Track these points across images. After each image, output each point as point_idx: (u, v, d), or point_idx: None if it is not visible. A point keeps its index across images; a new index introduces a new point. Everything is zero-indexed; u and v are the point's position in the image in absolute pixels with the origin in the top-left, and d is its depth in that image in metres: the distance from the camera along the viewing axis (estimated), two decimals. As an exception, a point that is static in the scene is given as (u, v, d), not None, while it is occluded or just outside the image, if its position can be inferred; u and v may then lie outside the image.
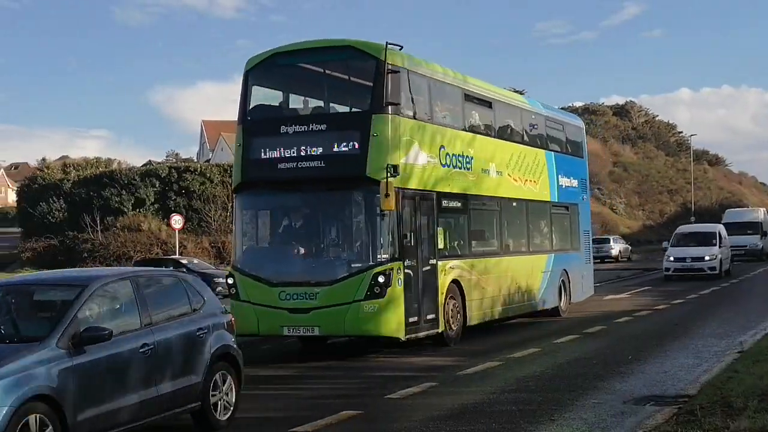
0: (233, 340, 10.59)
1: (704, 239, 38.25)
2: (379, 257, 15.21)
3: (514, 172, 20.57)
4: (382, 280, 14.87)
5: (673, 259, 37.51)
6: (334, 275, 15.27)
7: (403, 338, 15.44)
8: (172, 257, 39.44)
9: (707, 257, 36.60)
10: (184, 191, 57.49)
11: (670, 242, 40.06)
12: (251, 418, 11.14)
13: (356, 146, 15.41)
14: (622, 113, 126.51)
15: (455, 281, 17.26)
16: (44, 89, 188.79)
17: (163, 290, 10.13)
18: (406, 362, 15.59)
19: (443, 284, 16.73)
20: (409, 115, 16.15)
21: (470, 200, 18.52)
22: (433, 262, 16.52)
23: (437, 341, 16.64)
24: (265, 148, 16.06)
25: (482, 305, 18.59)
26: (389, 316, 15.04)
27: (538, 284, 21.60)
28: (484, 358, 15.48)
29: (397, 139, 15.52)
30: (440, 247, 16.93)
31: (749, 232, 51.56)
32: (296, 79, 17.58)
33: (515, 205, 20.86)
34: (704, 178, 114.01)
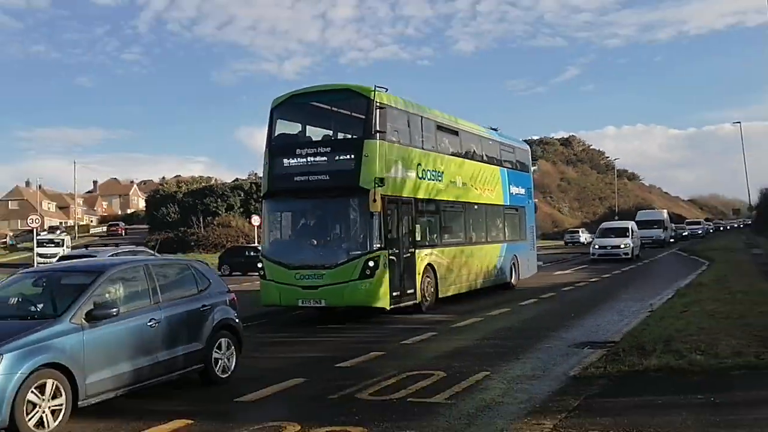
0: (235, 314, 9.34)
1: (620, 232, 37.61)
2: (369, 247, 14.41)
3: (475, 183, 19.69)
4: (372, 264, 14.29)
5: (597, 246, 36.90)
6: (336, 261, 14.53)
7: (388, 308, 14.67)
8: (251, 245, 39.57)
9: (622, 245, 35.90)
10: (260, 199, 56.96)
11: (595, 234, 39.91)
12: (306, 357, 10.99)
13: (352, 164, 14.68)
14: (566, 143, 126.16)
15: (429, 264, 16.42)
16: (164, 129, 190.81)
17: (172, 275, 8.93)
18: (413, 318, 15.04)
19: (420, 266, 15.89)
20: (393, 140, 15.37)
21: (441, 204, 17.60)
22: (411, 250, 15.68)
23: (415, 309, 15.70)
24: (284, 166, 15.32)
25: (451, 281, 17.69)
26: (377, 291, 14.38)
27: (494, 265, 20.67)
28: (470, 315, 15.08)
29: (383, 158, 14.79)
30: (418, 239, 16.06)
31: (655, 227, 50.96)
32: (309, 113, 16.64)
33: (476, 207, 19.91)
34: (625, 189, 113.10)
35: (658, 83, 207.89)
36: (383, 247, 14.57)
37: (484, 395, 7.81)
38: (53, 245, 47.61)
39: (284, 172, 15.31)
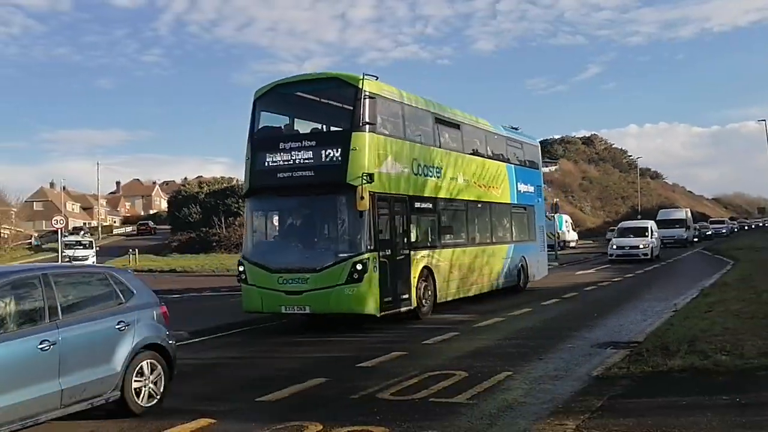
0: (165, 331, 7.85)
1: (639, 232, 36.71)
2: (358, 249, 13.20)
3: (479, 180, 18.29)
4: (360, 267, 13.05)
5: (615, 246, 35.85)
6: (321, 264, 13.27)
7: (378, 315, 13.41)
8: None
9: (641, 246, 35.04)
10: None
11: (614, 234, 39.39)
12: (327, 357, 10.99)
13: (338, 158, 13.48)
14: (588, 142, 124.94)
15: (427, 267, 15.15)
16: (184, 130, 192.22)
17: (81, 286, 7.40)
18: (435, 319, 14.69)
19: (416, 270, 14.63)
20: (384, 132, 14.16)
21: (440, 203, 16.22)
22: (406, 252, 14.44)
23: (412, 315, 14.56)
24: (267, 161, 14.14)
25: (452, 285, 16.41)
26: (367, 297, 13.16)
27: (500, 267, 19.31)
28: (492, 315, 14.93)
29: (373, 152, 13.60)
30: (414, 240, 14.85)
31: (677, 226, 50.20)
32: (295, 104, 15.39)
33: (480, 206, 18.47)
34: (647, 188, 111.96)
35: (680, 81, 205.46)
36: (373, 248, 13.38)
37: (506, 395, 7.77)
38: (82, 247, 45.74)
39: (267, 168, 14.18)
